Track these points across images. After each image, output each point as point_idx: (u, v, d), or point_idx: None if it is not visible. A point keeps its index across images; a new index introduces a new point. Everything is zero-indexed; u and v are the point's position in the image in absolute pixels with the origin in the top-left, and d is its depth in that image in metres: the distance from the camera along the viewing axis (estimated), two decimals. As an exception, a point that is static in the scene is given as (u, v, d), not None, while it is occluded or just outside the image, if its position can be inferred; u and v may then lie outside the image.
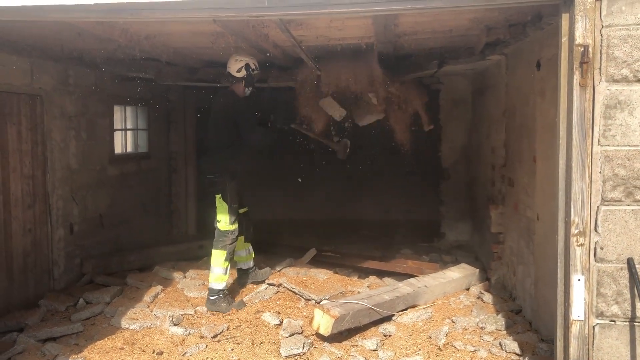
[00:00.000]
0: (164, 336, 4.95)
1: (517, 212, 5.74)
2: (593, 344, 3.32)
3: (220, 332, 5.01)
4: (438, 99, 8.65)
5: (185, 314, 5.43)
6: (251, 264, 6.44)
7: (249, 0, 3.36)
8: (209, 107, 9.15)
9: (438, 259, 7.58)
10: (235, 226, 5.83)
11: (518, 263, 5.69)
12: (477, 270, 6.41)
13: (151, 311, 5.47)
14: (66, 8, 3.44)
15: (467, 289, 6.16)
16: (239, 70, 5.79)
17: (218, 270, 5.71)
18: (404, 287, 5.58)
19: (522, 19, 4.81)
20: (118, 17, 3.56)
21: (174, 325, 5.18)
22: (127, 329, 5.15)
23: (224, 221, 5.79)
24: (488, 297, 5.80)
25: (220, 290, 5.64)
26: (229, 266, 5.82)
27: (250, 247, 6.45)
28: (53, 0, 3.41)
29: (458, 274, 6.18)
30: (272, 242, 7.98)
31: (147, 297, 5.79)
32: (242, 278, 6.40)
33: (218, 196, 5.82)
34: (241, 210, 6.04)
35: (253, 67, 5.86)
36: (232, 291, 6.07)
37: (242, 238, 6.22)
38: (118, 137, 7.77)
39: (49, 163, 6.13)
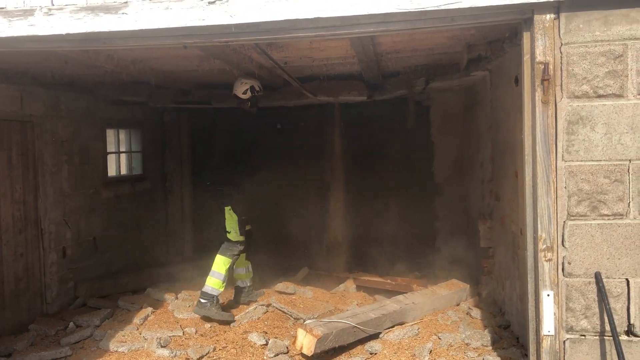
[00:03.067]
0: (150, 358, 4.99)
1: (504, 226, 5.74)
2: (564, 359, 3.32)
3: (207, 354, 5.03)
4: (429, 115, 8.70)
5: (173, 336, 5.46)
6: (248, 282, 6.52)
7: (216, 26, 3.45)
8: (204, 126, 9.32)
9: (432, 274, 7.57)
10: (244, 237, 6.05)
11: (506, 277, 5.68)
12: (468, 285, 6.41)
13: (140, 333, 5.50)
14: (40, 38, 3.55)
15: (457, 305, 6.15)
16: (244, 92, 6.17)
17: (218, 276, 5.90)
18: (391, 305, 5.58)
19: (500, 36, 4.86)
20: (91, 46, 3.66)
21: (162, 347, 5.20)
22: (115, 351, 5.18)
23: (234, 231, 6.01)
24: (476, 313, 5.79)
25: (214, 296, 5.79)
26: (228, 278, 5.98)
27: (250, 266, 6.56)
28: (27, 31, 3.52)
29: (447, 290, 6.17)
30: (265, 260, 8.00)
31: (136, 319, 5.83)
32: (238, 295, 6.48)
33: (228, 208, 6.05)
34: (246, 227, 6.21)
35: (257, 89, 6.22)
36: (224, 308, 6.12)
37: (243, 255, 6.36)
38: (112, 160, 7.86)
39: (41, 188, 6.22)
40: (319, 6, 3.37)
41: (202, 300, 5.81)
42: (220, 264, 5.95)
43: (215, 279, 5.89)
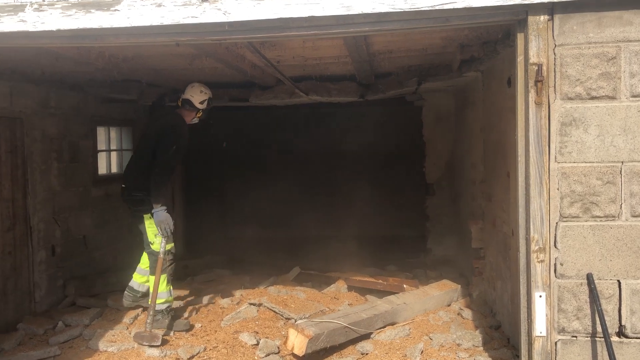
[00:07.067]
0: (140, 358, 4.95)
1: (495, 227, 5.76)
2: (556, 360, 3.33)
3: (197, 354, 5.00)
4: (421, 116, 8.72)
5: (163, 335, 5.41)
6: (144, 289, 5.91)
7: (210, 24, 3.43)
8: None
9: (423, 274, 7.59)
10: (171, 244, 5.56)
11: (497, 278, 5.70)
12: (459, 286, 6.42)
13: (130, 333, 5.46)
14: (30, 34, 3.51)
15: (449, 305, 6.16)
16: (202, 102, 5.87)
17: (163, 295, 5.50)
18: (383, 305, 5.58)
19: (493, 37, 4.86)
20: (82, 43, 3.62)
21: (151, 347, 5.16)
22: (105, 351, 5.13)
23: (158, 242, 5.50)
24: (468, 313, 5.80)
25: (162, 310, 5.49)
26: (172, 287, 5.66)
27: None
28: (17, 27, 3.48)
29: (438, 290, 6.18)
30: (256, 260, 7.98)
31: (126, 319, 5.79)
32: (126, 298, 5.91)
33: (147, 216, 5.50)
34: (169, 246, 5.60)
35: (212, 103, 5.99)
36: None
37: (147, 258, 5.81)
38: (102, 158, 7.81)
39: (30, 185, 6.15)
40: (313, 5, 3.35)
41: (156, 317, 5.42)
42: (159, 284, 5.42)
43: (161, 298, 5.48)
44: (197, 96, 5.85)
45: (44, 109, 6.46)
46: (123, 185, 5.79)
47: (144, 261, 5.89)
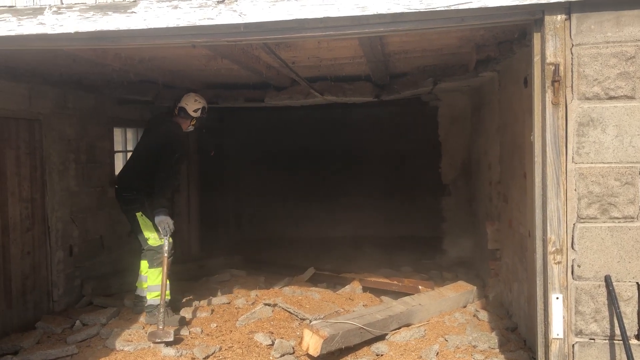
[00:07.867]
0: (156, 358, 4.98)
1: (512, 228, 5.71)
2: (573, 363, 3.29)
3: (212, 353, 5.03)
4: (437, 116, 8.69)
5: (179, 335, 5.45)
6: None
7: (225, 25, 3.45)
8: (211, 126, 9.31)
9: (438, 276, 7.56)
10: (170, 238, 5.74)
11: (513, 280, 5.66)
12: (475, 287, 6.38)
13: (146, 332, 5.49)
14: (49, 37, 3.55)
15: (464, 307, 6.13)
16: (195, 110, 6.18)
17: (156, 288, 5.67)
18: (398, 306, 5.57)
19: (509, 37, 4.83)
20: (100, 45, 3.67)
21: (167, 346, 5.19)
22: (121, 350, 5.17)
23: (153, 237, 5.85)
24: (484, 315, 5.76)
25: (158, 304, 5.56)
26: (169, 282, 5.75)
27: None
28: (36, 29, 3.52)
29: (454, 292, 6.15)
30: (271, 260, 8.00)
31: (142, 318, 5.83)
32: (137, 306, 6.12)
33: (139, 214, 5.88)
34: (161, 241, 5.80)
35: (206, 111, 6.24)
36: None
37: (145, 263, 5.99)
38: (119, 158, 7.88)
39: (48, 186, 6.23)
40: (329, 6, 3.35)
41: (149, 311, 5.71)
42: (153, 277, 5.75)
43: (154, 292, 5.70)
44: (192, 105, 6.15)
45: (62, 110, 6.54)
46: (116, 187, 6.21)
47: (144, 267, 6.05)
